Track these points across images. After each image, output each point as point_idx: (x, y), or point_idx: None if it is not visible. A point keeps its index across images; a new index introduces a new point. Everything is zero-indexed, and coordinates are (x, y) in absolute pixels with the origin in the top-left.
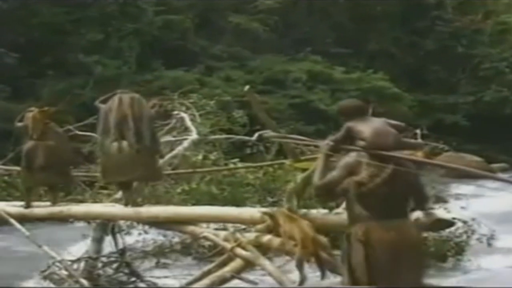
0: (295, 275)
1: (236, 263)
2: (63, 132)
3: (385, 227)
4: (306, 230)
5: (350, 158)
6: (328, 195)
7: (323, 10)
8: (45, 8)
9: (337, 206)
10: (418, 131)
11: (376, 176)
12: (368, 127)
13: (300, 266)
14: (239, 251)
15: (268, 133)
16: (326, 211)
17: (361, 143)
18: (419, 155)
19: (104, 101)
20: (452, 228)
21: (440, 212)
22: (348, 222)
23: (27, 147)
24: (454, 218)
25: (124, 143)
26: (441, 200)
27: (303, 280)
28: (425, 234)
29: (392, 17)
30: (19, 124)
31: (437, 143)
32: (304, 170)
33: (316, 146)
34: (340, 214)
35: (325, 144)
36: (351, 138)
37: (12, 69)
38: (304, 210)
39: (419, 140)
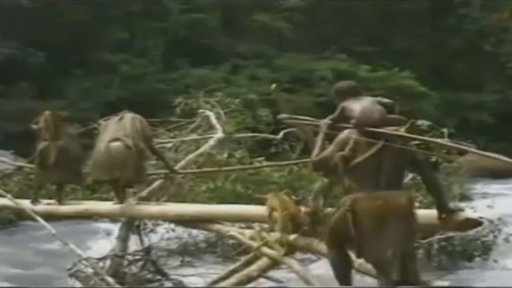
0: (321, 274)
1: (262, 262)
2: (75, 133)
3: (372, 197)
4: (285, 198)
5: (343, 135)
6: (323, 169)
7: (349, 8)
8: (71, 7)
9: None
10: (445, 129)
11: (361, 151)
12: (357, 105)
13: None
14: (265, 250)
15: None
16: None
17: (352, 121)
18: (402, 131)
19: (106, 120)
20: (479, 228)
21: (467, 211)
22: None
23: (40, 147)
24: (481, 218)
25: (115, 144)
26: (467, 199)
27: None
28: (451, 233)
29: (418, 15)
30: (35, 126)
31: (464, 142)
32: None
33: (317, 126)
34: None
35: (324, 123)
36: (346, 117)
37: (38, 68)
38: (330, 209)
39: (402, 117)
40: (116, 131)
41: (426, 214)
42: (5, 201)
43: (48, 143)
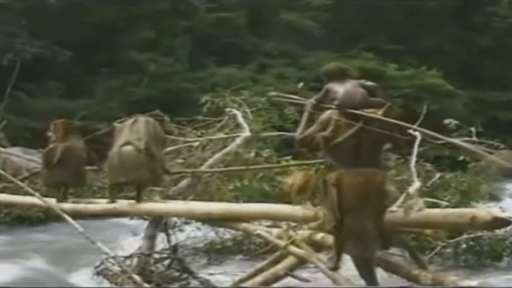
0: (349, 273)
1: (289, 261)
2: (82, 141)
3: (354, 174)
4: (302, 174)
5: (325, 115)
6: (306, 147)
7: (376, 6)
8: (98, 6)
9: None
10: (472, 129)
11: (341, 132)
12: (341, 88)
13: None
14: (292, 248)
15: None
16: None
17: (335, 102)
18: (379, 113)
19: (121, 122)
20: (508, 227)
21: (495, 210)
22: (326, 170)
23: (47, 148)
24: (510, 217)
25: (130, 147)
26: (496, 198)
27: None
28: (480, 233)
29: (446, 12)
30: (49, 133)
31: (492, 141)
32: None
33: (303, 105)
34: (394, 213)
35: (309, 102)
36: (329, 98)
37: (66, 67)
38: None
39: (383, 100)
40: (129, 134)
41: (454, 213)
42: (34, 199)
43: (54, 145)
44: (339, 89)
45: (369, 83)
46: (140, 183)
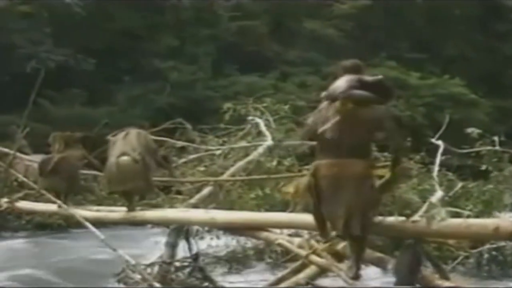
0: (369, 283)
1: (310, 270)
2: (81, 153)
3: (331, 164)
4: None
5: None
6: (306, 136)
7: (400, 14)
8: (121, 14)
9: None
10: (495, 137)
11: (320, 123)
12: (338, 81)
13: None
14: (313, 258)
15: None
16: (403, 218)
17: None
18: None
19: (114, 135)
20: None
21: None
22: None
23: (44, 158)
24: None
25: (126, 158)
26: None
27: None
28: (503, 243)
29: (469, 21)
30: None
31: None
32: (380, 177)
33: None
34: (417, 222)
35: (322, 95)
36: None
37: (89, 75)
38: (380, 218)
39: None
40: (123, 146)
41: (478, 223)
42: (55, 207)
43: (51, 155)
44: (336, 82)
45: (372, 78)
46: (136, 191)
